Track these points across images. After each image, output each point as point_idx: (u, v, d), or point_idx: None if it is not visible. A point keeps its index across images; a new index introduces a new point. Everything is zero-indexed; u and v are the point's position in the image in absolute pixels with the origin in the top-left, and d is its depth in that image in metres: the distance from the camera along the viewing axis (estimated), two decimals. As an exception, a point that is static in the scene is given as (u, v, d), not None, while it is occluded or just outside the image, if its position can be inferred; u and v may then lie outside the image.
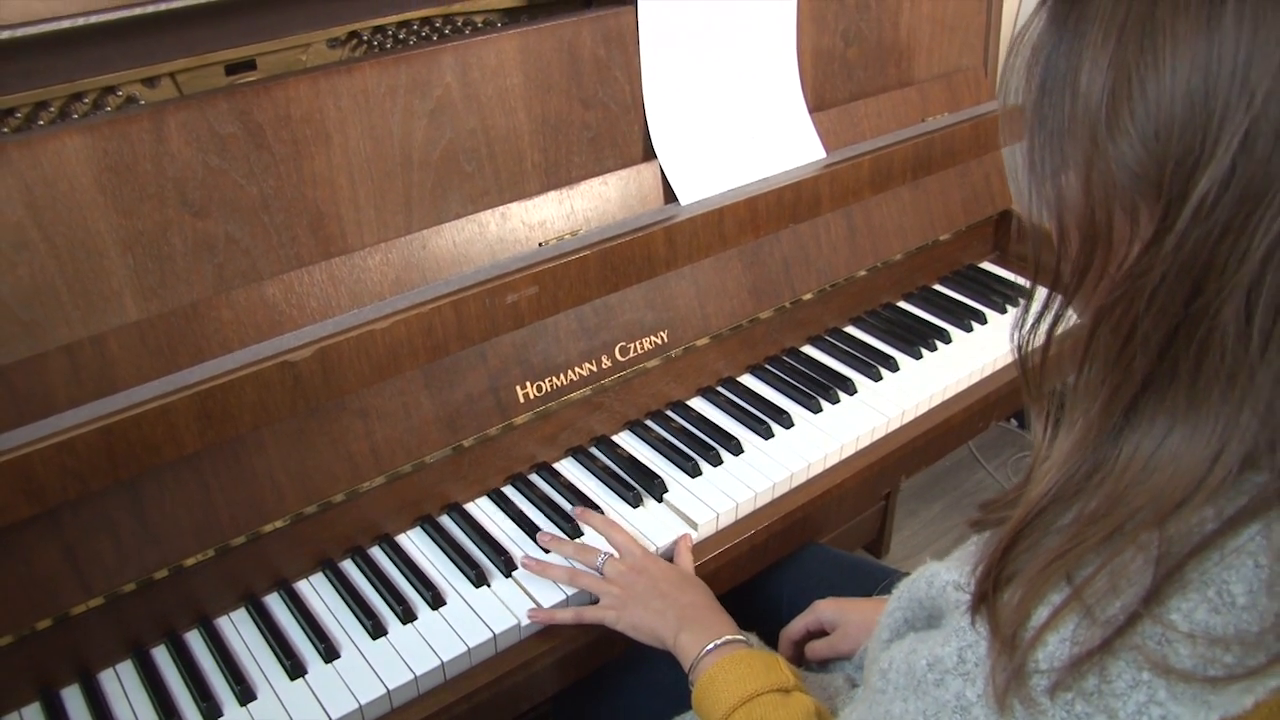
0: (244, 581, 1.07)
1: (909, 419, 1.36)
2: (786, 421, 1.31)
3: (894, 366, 1.42)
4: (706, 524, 1.16)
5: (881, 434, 1.33)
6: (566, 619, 1.04)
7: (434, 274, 1.14)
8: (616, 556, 1.07)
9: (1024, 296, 0.65)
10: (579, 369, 1.23)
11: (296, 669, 0.99)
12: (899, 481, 1.94)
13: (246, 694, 0.97)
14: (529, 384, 1.19)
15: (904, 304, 1.58)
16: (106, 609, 0.97)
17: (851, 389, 1.37)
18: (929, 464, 1.47)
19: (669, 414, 1.33)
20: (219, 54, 1.10)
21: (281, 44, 1.14)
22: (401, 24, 1.23)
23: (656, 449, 1.27)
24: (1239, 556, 0.53)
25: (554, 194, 1.23)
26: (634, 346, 1.27)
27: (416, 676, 0.98)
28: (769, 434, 1.29)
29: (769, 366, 1.42)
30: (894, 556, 2.20)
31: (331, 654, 1.00)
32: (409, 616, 1.04)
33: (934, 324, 1.52)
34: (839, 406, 1.35)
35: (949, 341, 1.48)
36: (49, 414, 0.93)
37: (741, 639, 0.96)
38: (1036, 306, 0.64)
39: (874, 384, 1.39)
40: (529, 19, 1.30)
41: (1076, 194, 0.57)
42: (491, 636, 1.02)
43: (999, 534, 0.63)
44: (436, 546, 1.13)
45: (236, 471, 1.01)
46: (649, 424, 1.31)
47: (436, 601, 1.06)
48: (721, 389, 1.38)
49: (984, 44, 1.68)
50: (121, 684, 0.99)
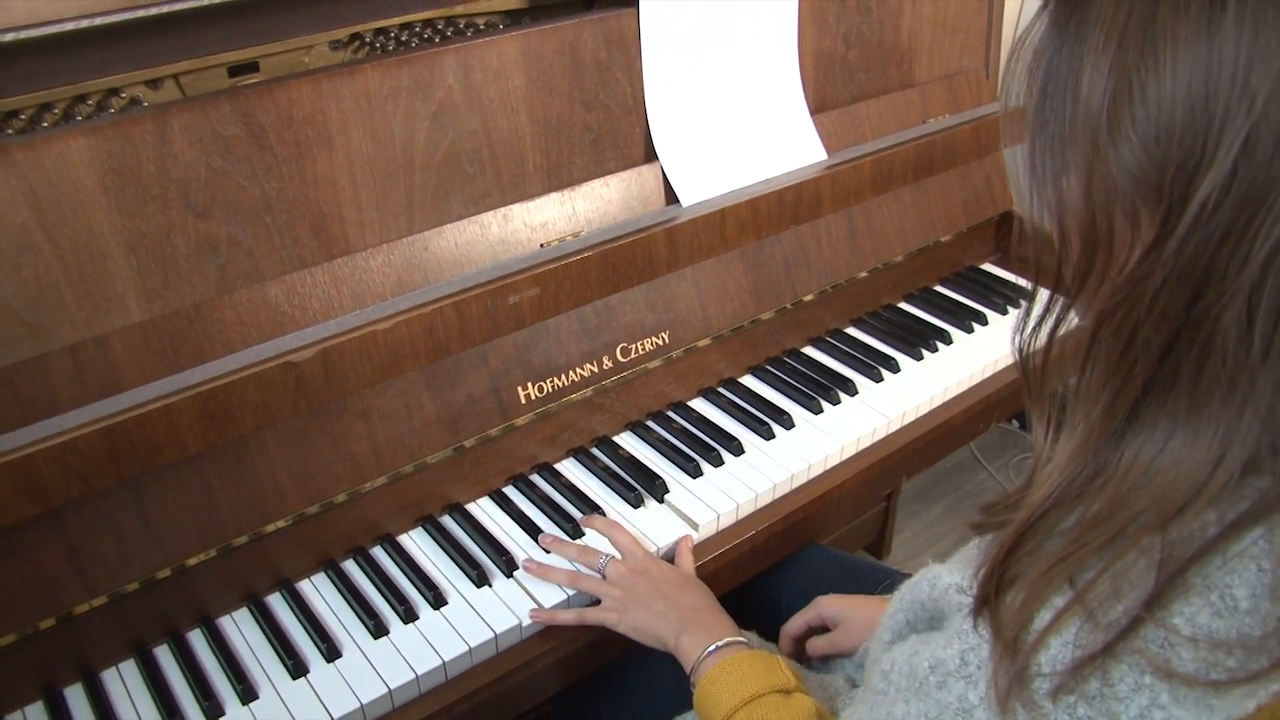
0: (246, 581, 1.07)
1: (909, 420, 1.36)
2: (787, 422, 1.31)
3: (895, 367, 1.42)
4: (707, 524, 1.17)
5: (882, 435, 1.33)
6: (568, 620, 1.05)
7: (436, 275, 1.15)
8: (618, 558, 1.08)
9: (1025, 298, 0.65)
10: (580, 370, 1.23)
11: (298, 668, 0.99)
12: (900, 482, 1.94)
13: (249, 693, 0.97)
14: (530, 385, 1.19)
15: (905, 305, 1.59)
16: (109, 608, 0.98)
17: (852, 390, 1.37)
18: (930, 465, 1.47)
19: (670, 415, 1.34)
20: (222, 56, 1.11)
21: (284, 46, 1.15)
22: (403, 26, 1.24)
23: (657, 449, 1.27)
24: (1241, 560, 0.53)
25: (556, 195, 1.23)
26: (635, 347, 1.27)
27: (418, 676, 0.98)
28: (770, 435, 1.30)
29: (770, 367, 1.43)
30: (895, 557, 2.20)
31: (333, 653, 1.01)
32: (410, 616, 1.04)
33: (935, 325, 1.52)
34: (840, 407, 1.35)
35: (950, 343, 1.49)
36: (52, 414, 0.94)
37: (743, 641, 0.96)
38: (1038, 309, 0.64)
39: (875, 385, 1.39)
40: (530, 21, 1.30)
41: (1078, 198, 0.57)
42: (493, 636, 1.02)
43: (1001, 537, 0.63)
44: (438, 546, 1.14)
45: (239, 472, 1.02)
46: (650, 425, 1.32)
47: (438, 601, 1.06)
48: (722, 390, 1.38)
49: (985, 46, 1.69)
50: (124, 683, 0.99)
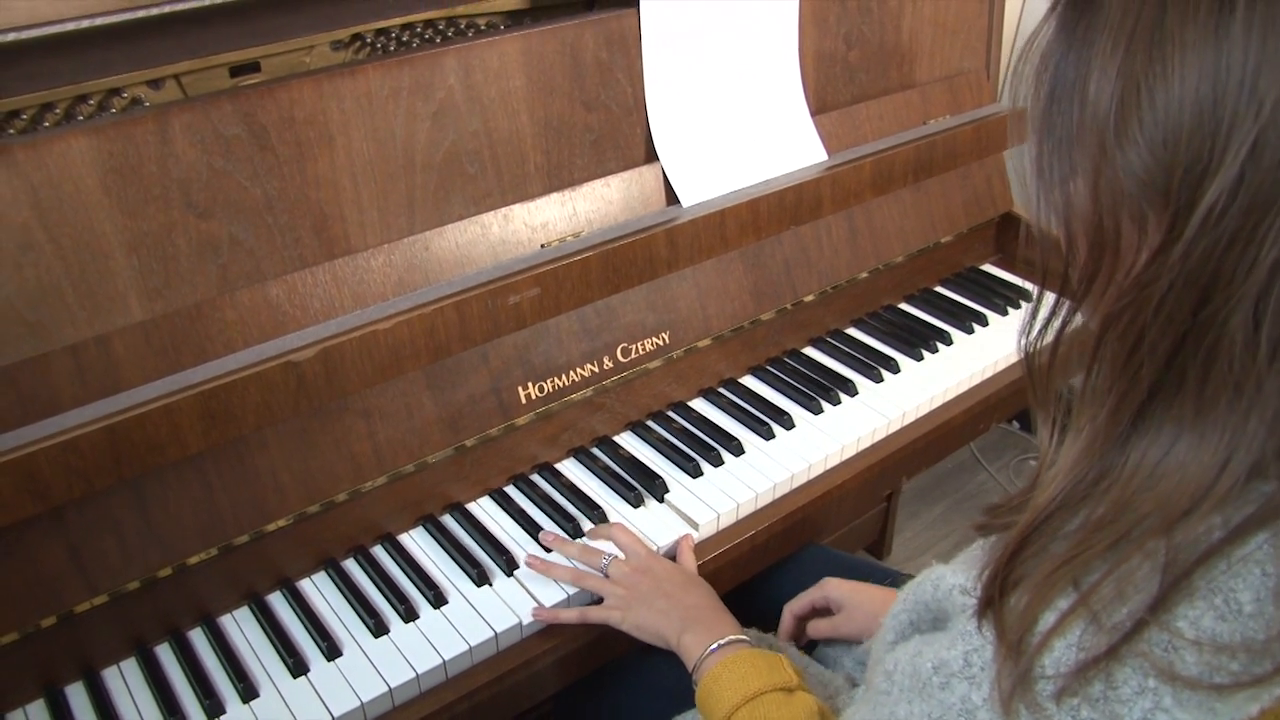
0: (247, 580, 1.07)
1: (910, 420, 1.36)
2: (787, 422, 1.31)
3: (895, 368, 1.42)
4: (707, 524, 1.17)
5: (882, 435, 1.33)
6: (571, 618, 1.05)
7: (436, 275, 1.15)
8: (621, 558, 1.08)
9: (1026, 299, 0.65)
10: (581, 370, 1.23)
11: (299, 667, 0.99)
12: (900, 483, 1.94)
13: (249, 691, 0.97)
14: (531, 385, 1.19)
15: (905, 306, 1.59)
16: (110, 607, 0.98)
17: (852, 390, 1.38)
18: (930, 465, 1.47)
19: (670, 415, 1.34)
20: (223, 56, 1.11)
21: (285, 46, 1.15)
22: (404, 26, 1.24)
23: (658, 449, 1.28)
24: (1246, 565, 0.53)
25: (556, 196, 1.23)
26: (635, 348, 1.27)
27: (418, 675, 0.99)
28: (770, 435, 1.30)
29: (770, 368, 1.43)
30: (895, 558, 2.20)
31: (334, 652, 1.01)
32: (411, 615, 1.05)
33: (935, 326, 1.53)
34: (840, 408, 1.35)
35: (950, 343, 1.49)
36: (54, 413, 0.94)
37: (745, 639, 0.96)
38: (1044, 311, 0.64)
39: (875, 385, 1.39)
40: (531, 21, 1.30)
41: (1085, 201, 0.57)
42: (493, 635, 1.02)
43: (1005, 538, 0.63)
44: (438, 546, 1.14)
45: (240, 471, 1.02)
46: (650, 424, 1.32)
47: (438, 600, 1.06)
48: (723, 390, 1.39)
49: (986, 47, 1.69)
50: (125, 681, 1.00)
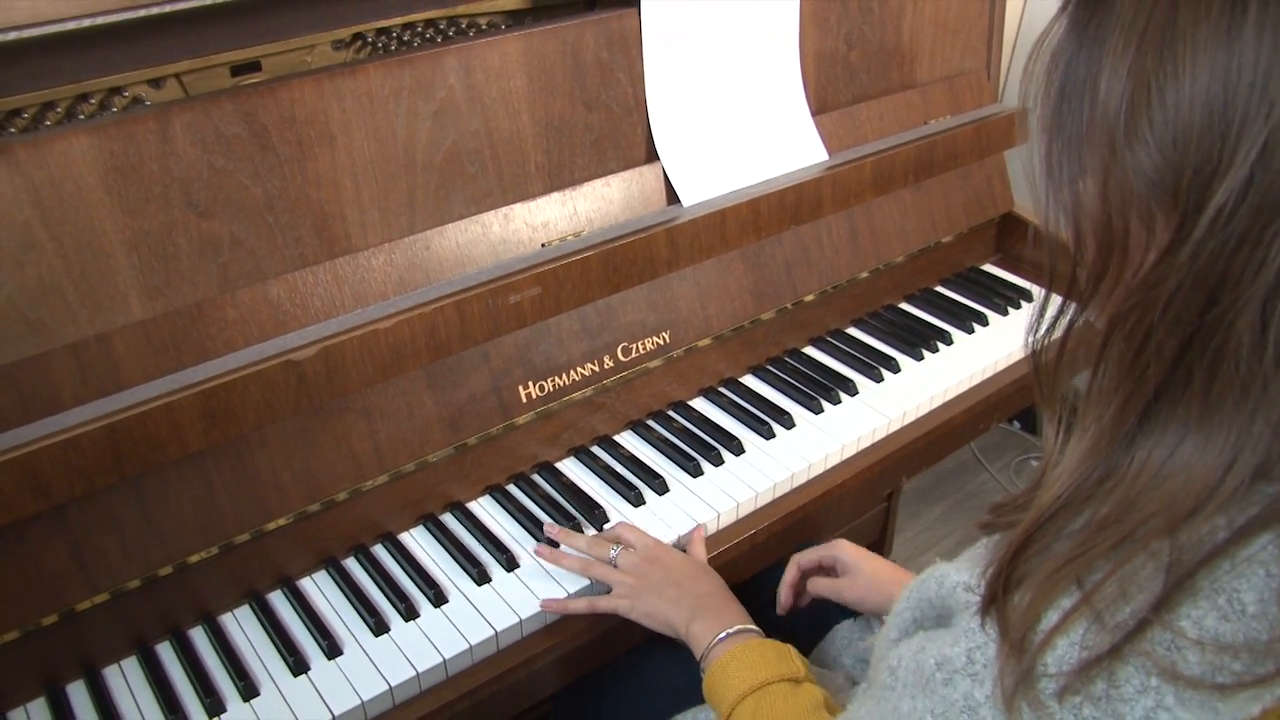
0: (248, 579, 1.07)
1: (910, 420, 1.36)
2: (788, 422, 1.31)
3: (895, 367, 1.42)
4: (708, 523, 1.17)
5: (882, 434, 1.33)
6: (580, 608, 1.05)
7: (437, 274, 1.15)
8: (630, 548, 1.08)
9: (1026, 299, 0.65)
10: (581, 369, 1.23)
11: (299, 665, 1.00)
12: (900, 482, 1.93)
13: (250, 690, 0.97)
14: (531, 384, 1.19)
15: (905, 305, 1.59)
16: (111, 605, 0.98)
17: (853, 390, 1.38)
18: (930, 465, 1.47)
19: (671, 414, 1.34)
20: (224, 55, 1.11)
21: (286, 45, 1.15)
22: (405, 26, 1.24)
23: (658, 449, 1.28)
24: (1250, 565, 0.54)
25: (557, 195, 1.23)
26: (636, 347, 1.27)
27: (418, 673, 0.99)
28: (770, 434, 1.30)
29: (770, 367, 1.43)
30: (896, 558, 2.19)
31: (334, 651, 1.01)
32: (411, 614, 1.05)
33: (935, 325, 1.53)
34: (840, 407, 1.35)
35: (950, 343, 1.49)
36: (55, 412, 0.94)
37: (754, 629, 0.97)
38: (1051, 310, 0.64)
39: (875, 385, 1.39)
40: (532, 21, 1.30)
41: (1094, 200, 0.57)
42: (493, 634, 1.02)
43: (1009, 537, 0.63)
44: (439, 545, 1.14)
45: (240, 470, 1.02)
46: (651, 424, 1.32)
47: (439, 599, 1.06)
48: (723, 389, 1.39)
49: (987, 47, 1.69)
50: (126, 680, 1.00)
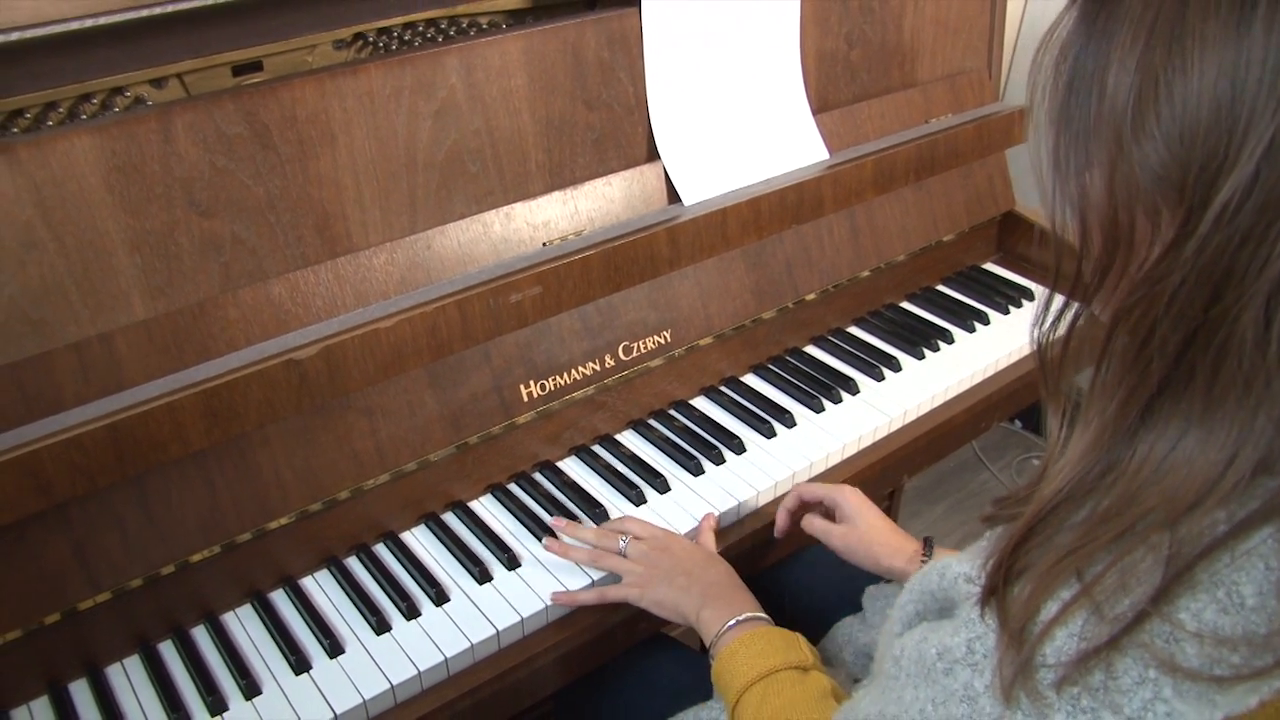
0: (250, 578, 1.07)
1: (911, 419, 1.36)
2: (789, 421, 1.32)
3: (896, 366, 1.42)
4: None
5: (884, 433, 1.33)
6: (590, 599, 1.05)
7: (438, 273, 1.15)
8: (639, 539, 1.08)
9: (1028, 298, 0.66)
10: (582, 368, 1.23)
11: (301, 664, 1.00)
12: (902, 481, 1.94)
13: (252, 688, 0.97)
14: (533, 383, 1.19)
15: (907, 304, 1.59)
16: (114, 604, 0.98)
17: (854, 388, 1.38)
18: (931, 464, 1.47)
19: (672, 413, 1.34)
20: (226, 55, 1.11)
21: (288, 45, 1.15)
22: (406, 25, 1.24)
23: (659, 448, 1.28)
24: (1250, 559, 0.54)
25: (558, 194, 1.24)
26: (637, 346, 1.28)
27: (420, 672, 0.99)
28: (771, 433, 1.30)
29: (772, 366, 1.43)
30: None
31: (336, 649, 1.01)
32: (413, 613, 1.05)
33: (937, 324, 1.53)
34: (841, 406, 1.35)
35: (951, 342, 1.49)
36: (57, 411, 0.94)
37: (763, 616, 0.97)
38: (1057, 303, 0.64)
39: (876, 384, 1.40)
40: (533, 20, 1.30)
41: (1100, 194, 0.57)
42: (495, 633, 1.03)
43: (1011, 529, 0.63)
44: (440, 544, 1.14)
45: (242, 469, 1.02)
46: (652, 423, 1.32)
47: (440, 598, 1.06)
48: (724, 388, 1.39)
49: (988, 46, 1.69)
50: (129, 678, 1.00)
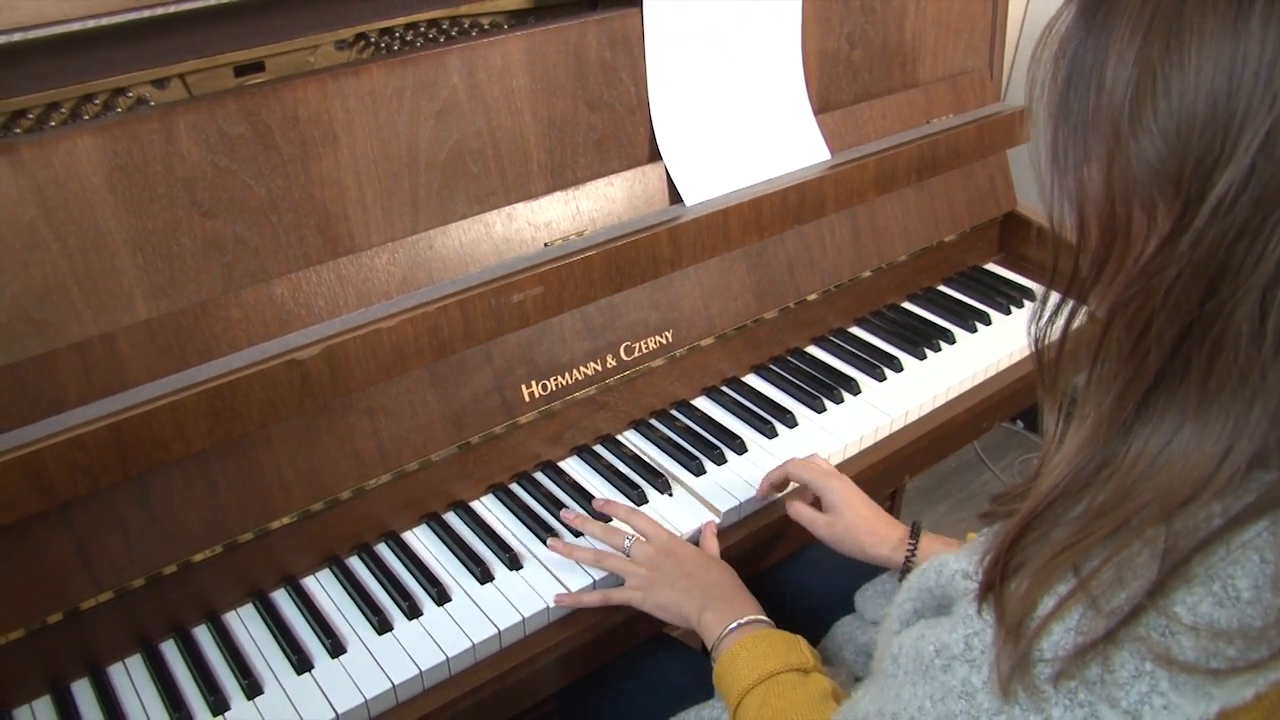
0: (251, 577, 1.08)
1: (912, 419, 1.36)
2: (790, 421, 1.32)
3: (898, 367, 1.42)
4: (711, 522, 1.17)
5: (885, 433, 1.33)
6: (593, 601, 1.06)
7: (440, 274, 1.15)
8: (644, 540, 1.09)
9: (1029, 298, 0.66)
10: (584, 368, 1.23)
11: (303, 664, 1.00)
12: (903, 481, 1.94)
13: (254, 688, 0.98)
14: (534, 383, 1.19)
15: (908, 305, 1.59)
16: (116, 604, 0.98)
17: (855, 389, 1.38)
18: (933, 464, 1.47)
19: (674, 413, 1.34)
20: (228, 56, 1.11)
21: (290, 46, 1.15)
22: (408, 26, 1.24)
23: (661, 448, 1.28)
24: (1245, 552, 0.54)
25: (560, 195, 1.24)
26: (639, 346, 1.28)
27: (422, 672, 0.99)
28: (773, 433, 1.30)
29: (773, 366, 1.43)
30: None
31: (338, 649, 1.01)
32: (415, 612, 1.05)
33: (938, 325, 1.53)
34: (843, 406, 1.35)
35: (953, 342, 1.49)
36: (60, 411, 0.94)
37: (765, 619, 0.97)
38: (1055, 298, 0.64)
39: (878, 384, 1.40)
40: (535, 21, 1.31)
41: (1098, 187, 0.58)
42: (496, 632, 1.03)
43: (1008, 524, 0.63)
44: (442, 543, 1.14)
45: (244, 468, 1.03)
46: (654, 423, 1.32)
47: (442, 598, 1.06)
48: (726, 388, 1.39)
49: (989, 46, 1.69)
50: (131, 678, 1.00)
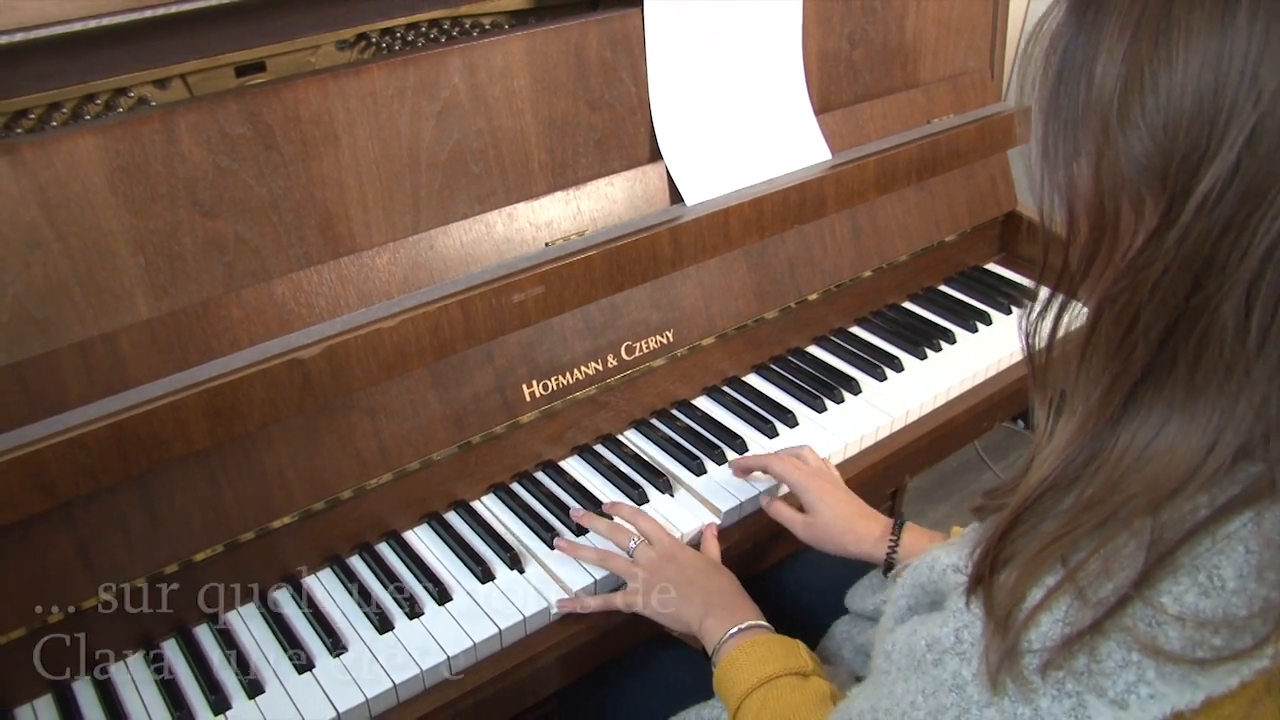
0: (252, 577, 1.08)
1: (913, 418, 1.36)
2: (791, 421, 1.32)
3: (898, 366, 1.43)
4: (711, 521, 1.17)
5: (886, 433, 1.33)
6: (594, 606, 1.06)
7: (441, 273, 1.15)
8: (647, 543, 1.09)
9: (1030, 298, 0.67)
10: (585, 368, 1.24)
11: (304, 663, 1.00)
12: (904, 481, 1.94)
13: (255, 687, 0.98)
14: (535, 383, 1.20)
15: (909, 304, 1.59)
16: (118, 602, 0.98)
17: (856, 388, 1.38)
18: (934, 464, 1.47)
19: (674, 413, 1.34)
20: (229, 56, 1.12)
21: (291, 46, 1.16)
22: (409, 26, 1.24)
23: (662, 447, 1.28)
24: (1230, 542, 0.55)
25: (560, 194, 1.24)
26: (639, 346, 1.28)
27: (422, 671, 0.99)
28: (773, 433, 1.30)
29: (774, 366, 1.43)
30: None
31: (339, 648, 1.01)
32: (415, 612, 1.05)
33: (939, 324, 1.53)
34: (843, 406, 1.35)
35: (953, 342, 1.49)
36: (61, 410, 0.94)
37: (764, 625, 0.98)
38: (1045, 294, 0.65)
39: (878, 384, 1.40)
40: (536, 21, 1.31)
41: (1087, 182, 0.59)
42: (497, 632, 1.03)
43: (998, 518, 0.64)
44: (443, 543, 1.14)
45: (245, 468, 1.03)
46: (654, 423, 1.32)
47: (443, 597, 1.06)
48: (727, 388, 1.39)
49: (990, 47, 1.69)
50: (132, 677, 1.00)
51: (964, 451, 2.48)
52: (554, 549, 1.12)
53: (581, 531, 1.15)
